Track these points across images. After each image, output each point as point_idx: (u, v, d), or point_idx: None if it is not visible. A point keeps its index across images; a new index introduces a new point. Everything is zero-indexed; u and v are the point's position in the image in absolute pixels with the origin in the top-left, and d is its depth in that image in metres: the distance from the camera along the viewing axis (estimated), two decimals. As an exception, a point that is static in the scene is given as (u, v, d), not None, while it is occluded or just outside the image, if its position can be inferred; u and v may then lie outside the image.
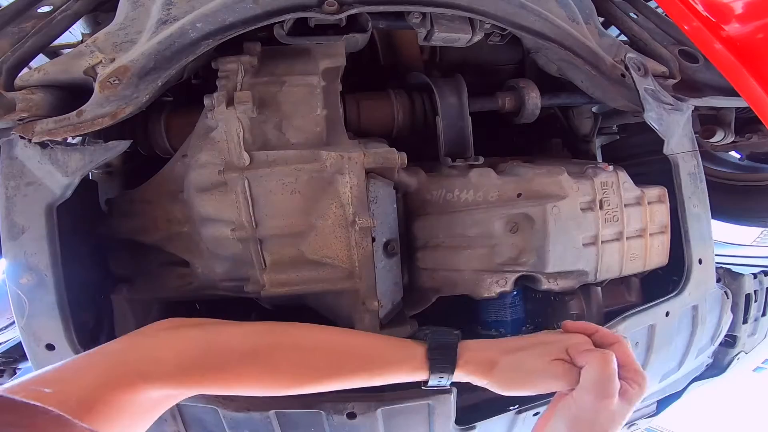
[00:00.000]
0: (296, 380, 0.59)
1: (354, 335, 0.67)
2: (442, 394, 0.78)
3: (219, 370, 0.55)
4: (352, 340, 0.65)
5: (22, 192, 0.72)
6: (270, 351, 0.58)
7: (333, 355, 0.61)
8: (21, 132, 0.70)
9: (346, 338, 0.65)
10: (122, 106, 0.72)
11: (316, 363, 0.60)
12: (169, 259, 0.92)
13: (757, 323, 1.22)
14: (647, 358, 0.96)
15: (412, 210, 0.89)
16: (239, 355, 0.56)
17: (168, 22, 0.76)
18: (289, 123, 0.81)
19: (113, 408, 0.46)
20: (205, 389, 0.56)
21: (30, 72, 0.74)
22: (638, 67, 0.95)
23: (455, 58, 1.15)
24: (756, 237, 2.25)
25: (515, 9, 0.88)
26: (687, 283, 0.95)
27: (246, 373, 0.56)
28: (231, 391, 0.57)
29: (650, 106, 0.91)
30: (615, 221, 0.91)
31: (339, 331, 0.68)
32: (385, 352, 0.63)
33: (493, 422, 0.87)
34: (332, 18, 0.78)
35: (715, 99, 1.02)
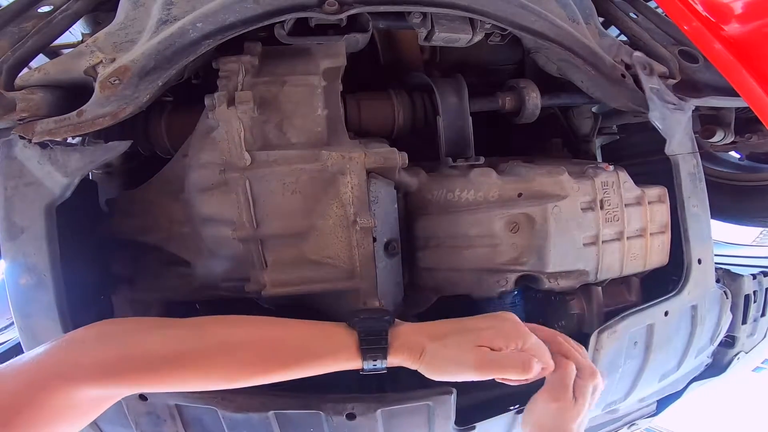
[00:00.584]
0: (226, 379, 0.58)
1: (284, 326, 0.64)
2: (442, 395, 0.78)
3: (138, 373, 0.54)
4: (282, 332, 0.63)
5: (22, 192, 0.72)
6: (195, 355, 0.57)
7: (262, 351, 0.60)
8: (21, 132, 0.70)
9: (276, 331, 0.63)
10: (122, 106, 0.72)
11: (245, 360, 0.59)
12: (170, 259, 0.92)
13: (756, 323, 1.22)
14: (646, 357, 0.96)
15: (413, 210, 0.89)
16: (160, 359, 0.55)
17: (168, 21, 0.76)
18: (289, 123, 0.81)
19: (41, 410, 0.48)
20: (134, 390, 0.57)
21: (30, 72, 0.74)
22: (644, 66, 0.95)
23: (455, 58, 1.15)
24: (755, 237, 2.25)
25: (515, 9, 0.88)
26: (686, 283, 0.95)
27: (171, 376, 0.55)
28: (163, 389, 0.57)
29: (655, 106, 0.91)
30: (615, 221, 0.91)
31: (269, 323, 0.64)
32: (317, 344, 0.62)
33: (492, 422, 0.87)
34: (333, 18, 0.78)
35: (715, 99, 1.02)
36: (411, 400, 0.79)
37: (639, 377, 0.99)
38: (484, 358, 0.60)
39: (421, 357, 0.61)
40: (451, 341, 0.61)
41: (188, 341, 0.58)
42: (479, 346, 0.60)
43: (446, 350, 0.61)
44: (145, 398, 0.76)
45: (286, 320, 0.64)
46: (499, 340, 0.61)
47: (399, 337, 0.62)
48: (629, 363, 0.95)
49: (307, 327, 0.65)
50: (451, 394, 0.79)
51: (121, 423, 0.80)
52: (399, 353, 0.61)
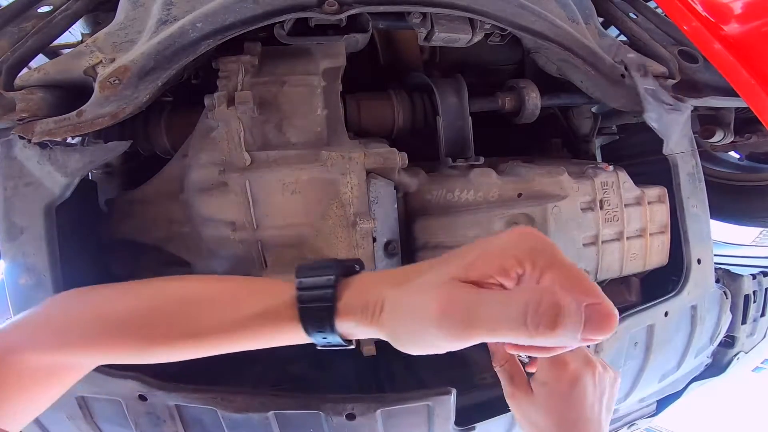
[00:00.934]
0: (138, 351, 0.47)
1: (219, 283, 0.50)
2: (442, 395, 0.78)
3: (74, 341, 0.49)
4: (215, 290, 0.48)
5: (21, 192, 0.72)
6: (120, 323, 0.48)
7: (185, 316, 0.46)
8: (21, 132, 0.70)
9: (203, 291, 0.48)
10: (122, 106, 0.72)
11: (167, 325, 0.46)
12: (169, 259, 0.91)
13: (756, 323, 1.22)
14: (646, 357, 0.96)
15: (413, 210, 0.89)
16: (91, 328, 0.48)
17: (168, 22, 0.76)
18: (289, 123, 0.81)
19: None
20: (74, 358, 0.50)
21: (30, 72, 0.73)
22: (638, 67, 0.95)
23: (455, 58, 1.15)
24: (755, 237, 2.25)
25: (515, 9, 0.88)
26: (686, 283, 0.95)
27: (102, 344, 0.48)
28: (100, 361, 0.51)
29: (650, 107, 0.91)
30: (615, 221, 0.91)
31: (202, 281, 0.51)
32: (249, 305, 0.44)
33: (492, 423, 0.87)
34: (332, 18, 0.78)
35: (715, 99, 1.02)
36: (411, 401, 0.78)
37: (639, 377, 0.99)
38: (452, 299, 0.34)
39: (380, 315, 0.39)
40: (417, 283, 0.38)
41: (121, 301, 0.49)
42: (459, 280, 0.36)
43: (408, 297, 0.38)
44: (145, 398, 0.76)
45: (225, 277, 0.51)
46: (490, 264, 0.35)
47: (351, 291, 0.41)
48: (629, 363, 0.95)
49: (246, 284, 0.49)
50: (451, 394, 0.79)
51: (121, 423, 0.80)
52: (350, 314, 0.40)
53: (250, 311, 0.43)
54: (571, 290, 0.32)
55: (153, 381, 0.75)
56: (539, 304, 0.31)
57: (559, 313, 0.31)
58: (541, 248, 0.35)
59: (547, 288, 0.33)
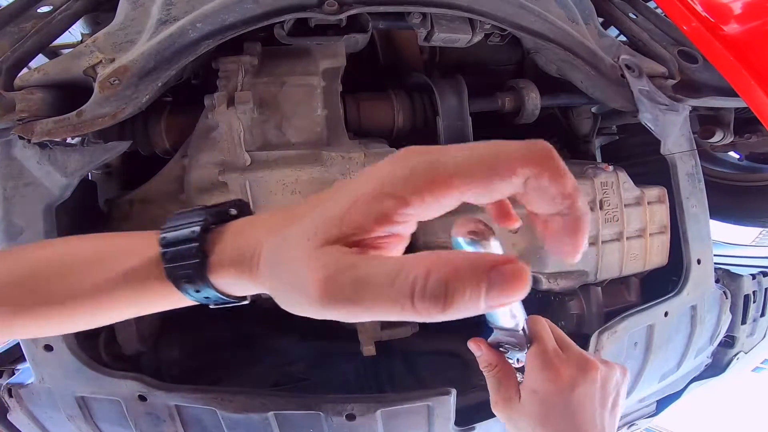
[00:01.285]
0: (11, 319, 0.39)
1: (99, 241, 0.41)
2: (442, 396, 0.78)
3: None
4: (93, 250, 0.40)
5: (21, 192, 0.72)
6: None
7: (58, 280, 0.37)
8: (20, 132, 0.70)
9: (88, 250, 0.40)
10: (122, 106, 0.72)
11: (33, 291, 0.38)
12: (169, 259, 0.92)
13: (755, 324, 1.22)
14: (646, 357, 0.96)
15: (412, 210, 0.89)
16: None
17: (168, 22, 0.76)
18: (289, 123, 0.81)
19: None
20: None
21: (30, 72, 0.73)
22: (632, 68, 0.95)
23: (455, 58, 1.15)
24: (755, 237, 2.25)
25: (515, 9, 0.88)
26: (686, 284, 0.95)
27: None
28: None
29: (645, 107, 0.91)
30: (615, 221, 0.91)
31: (85, 240, 0.41)
32: (118, 264, 0.36)
33: (492, 423, 0.87)
34: (332, 18, 0.78)
35: (714, 99, 1.02)
36: (410, 401, 0.78)
37: (639, 377, 0.99)
38: (330, 277, 0.26)
39: (258, 267, 0.31)
40: (293, 234, 0.29)
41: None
42: (335, 242, 0.27)
43: (284, 252, 0.29)
44: (145, 398, 0.76)
45: (102, 236, 0.43)
46: (365, 212, 0.27)
47: (224, 240, 0.34)
48: (629, 363, 0.95)
49: (116, 243, 0.40)
50: (451, 394, 0.79)
51: (120, 423, 0.80)
52: (224, 267, 0.33)
53: (119, 271, 0.36)
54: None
55: (153, 381, 0.75)
56: (426, 279, 0.23)
57: (448, 293, 0.23)
58: (424, 167, 0.26)
59: (435, 256, 0.24)
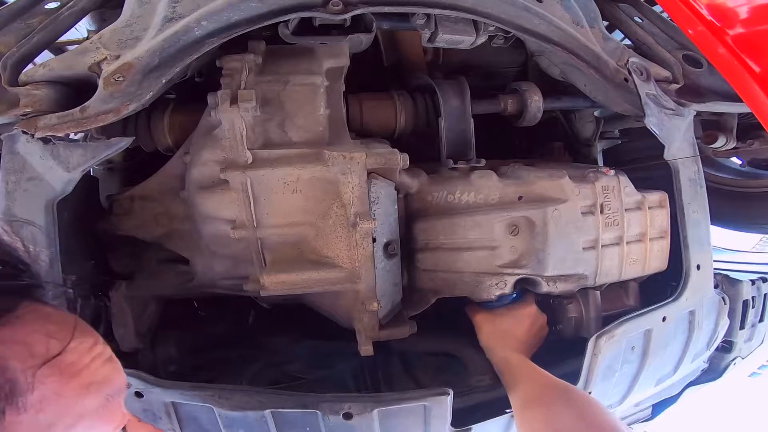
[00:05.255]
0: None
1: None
2: (439, 396, 0.79)
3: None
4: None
5: (23, 187, 0.72)
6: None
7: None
8: (24, 127, 0.70)
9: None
10: (126, 102, 0.72)
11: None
12: (169, 256, 0.92)
13: (754, 329, 1.22)
14: (643, 362, 0.97)
15: (413, 211, 0.89)
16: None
17: (173, 19, 0.76)
18: (291, 122, 0.81)
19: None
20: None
21: (35, 68, 0.74)
22: (640, 71, 0.95)
23: (458, 60, 1.15)
24: (755, 243, 2.25)
25: (519, 12, 0.88)
26: (684, 289, 0.95)
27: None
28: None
29: (651, 111, 0.91)
30: (615, 225, 0.91)
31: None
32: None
33: (489, 424, 0.87)
34: (337, 18, 0.78)
35: (718, 104, 1.02)
36: (407, 401, 0.79)
37: (635, 382, 0.99)
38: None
39: None
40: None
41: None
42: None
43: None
44: (141, 395, 0.77)
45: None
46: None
47: None
48: (626, 367, 0.95)
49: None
50: (448, 395, 0.79)
51: (119, 418, 0.81)
52: None
53: None
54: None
55: (150, 378, 0.76)
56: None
57: None
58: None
59: None
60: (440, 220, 0.88)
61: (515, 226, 0.87)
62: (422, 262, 0.90)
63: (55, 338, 0.41)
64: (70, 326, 0.44)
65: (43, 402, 0.39)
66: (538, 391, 0.77)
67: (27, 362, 0.39)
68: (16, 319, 0.40)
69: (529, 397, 0.77)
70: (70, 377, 0.41)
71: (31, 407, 0.38)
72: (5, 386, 0.37)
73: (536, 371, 0.82)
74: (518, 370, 0.83)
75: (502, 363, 0.86)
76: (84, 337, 0.45)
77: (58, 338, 0.42)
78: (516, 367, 0.84)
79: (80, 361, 0.43)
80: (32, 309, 0.42)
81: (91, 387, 0.43)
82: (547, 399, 0.75)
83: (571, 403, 0.72)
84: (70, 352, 0.42)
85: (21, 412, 0.37)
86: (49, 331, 0.42)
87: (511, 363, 0.85)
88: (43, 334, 0.41)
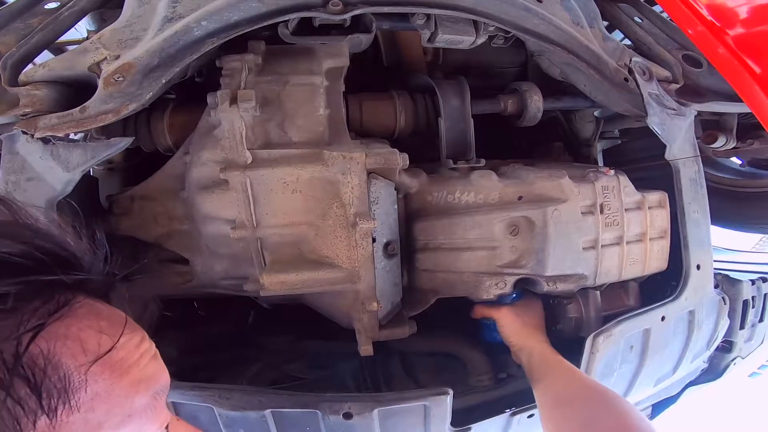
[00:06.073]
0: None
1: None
2: (438, 396, 0.79)
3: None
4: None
5: (23, 187, 0.72)
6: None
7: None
8: (24, 127, 0.70)
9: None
10: (125, 102, 0.72)
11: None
12: (169, 256, 0.92)
13: (754, 329, 1.22)
14: (642, 361, 0.97)
15: (413, 211, 0.89)
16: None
17: (173, 19, 0.76)
18: (291, 122, 0.81)
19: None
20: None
21: (35, 68, 0.74)
22: (643, 71, 0.95)
23: (458, 60, 1.15)
24: (755, 243, 2.25)
25: (519, 12, 0.88)
26: (684, 289, 0.95)
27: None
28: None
29: (654, 111, 0.91)
30: (615, 225, 0.91)
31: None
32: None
33: (488, 424, 0.87)
34: (337, 18, 0.78)
35: (718, 104, 1.02)
36: (407, 400, 0.79)
37: (634, 381, 0.99)
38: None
39: None
40: None
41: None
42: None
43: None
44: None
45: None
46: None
47: None
48: (625, 367, 0.95)
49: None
50: (448, 395, 0.79)
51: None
52: None
53: None
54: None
55: (151, 377, 0.75)
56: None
57: None
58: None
59: None
60: (440, 220, 0.88)
61: (515, 226, 0.87)
62: (422, 262, 0.90)
63: (106, 334, 0.40)
64: (121, 322, 0.43)
65: (95, 400, 0.38)
66: (575, 390, 0.75)
67: (80, 359, 0.37)
68: (70, 314, 0.39)
69: (562, 395, 0.75)
70: (120, 375, 0.40)
71: (83, 406, 0.37)
72: (58, 384, 0.35)
73: (571, 368, 0.80)
74: (548, 365, 0.82)
75: (532, 355, 0.84)
76: (133, 332, 0.44)
77: (109, 334, 0.41)
78: (546, 361, 0.82)
79: (130, 358, 0.42)
80: (84, 304, 0.41)
81: (141, 385, 0.42)
82: (583, 399, 0.72)
83: (611, 407, 0.69)
84: (120, 349, 0.41)
85: (74, 411, 0.36)
86: (101, 326, 0.41)
87: (546, 355, 0.83)
88: (95, 330, 0.40)
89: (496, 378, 0.99)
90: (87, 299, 0.42)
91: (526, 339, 0.88)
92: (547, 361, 0.83)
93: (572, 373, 0.80)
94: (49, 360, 0.35)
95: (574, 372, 0.80)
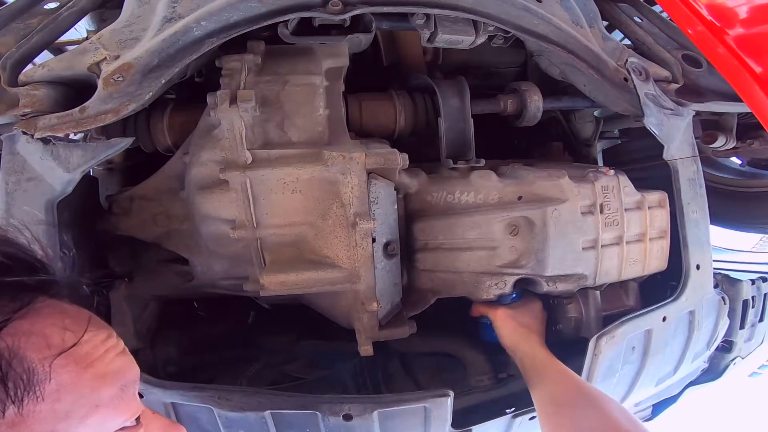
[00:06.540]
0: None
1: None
2: (439, 397, 0.79)
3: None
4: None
5: (23, 187, 0.72)
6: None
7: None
8: (23, 127, 0.70)
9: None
10: (125, 103, 0.72)
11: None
12: (169, 256, 0.92)
13: (754, 329, 1.22)
14: (643, 362, 0.97)
15: (413, 211, 0.89)
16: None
17: (173, 19, 0.76)
18: (291, 122, 0.81)
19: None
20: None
21: (34, 68, 0.74)
22: (639, 71, 0.95)
23: (458, 60, 1.15)
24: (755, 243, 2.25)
25: (519, 12, 0.88)
26: (684, 289, 0.95)
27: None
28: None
29: (650, 111, 0.91)
30: (615, 225, 0.91)
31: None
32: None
33: (488, 425, 0.87)
34: (336, 18, 0.78)
35: (718, 104, 1.02)
36: (407, 402, 0.79)
37: (635, 382, 0.99)
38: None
39: None
40: None
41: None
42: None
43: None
44: (141, 396, 0.76)
45: None
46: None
47: None
48: (626, 368, 0.95)
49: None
50: (449, 396, 0.79)
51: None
52: None
53: None
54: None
55: (150, 378, 0.76)
56: None
57: None
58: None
59: None
60: (440, 220, 0.88)
61: (515, 226, 0.87)
62: (422, 262, 0.90)
63: (70, 330, 0.43)
64: (85, 320, 0.45)
65: (60, 391, 0.40)
66: (570, 395, 0.76)
67: (43, 353, 0.40)
68: (34, 312, 0.42)
69: (559, 400, 0.77)
70: (85, 367, 0.43)
71: (49, 396, 0.39)
72: (23, 376, 0.38)
73: (567, 372, 0.80)
74: (545, 369, 0.82)
75: (529, 358, 0.85)
76: (98, 330, 0.46)
77: (73, 330, 0.43)
78: (543, 365, 0.83)
79: (94, 353, 0.44)
80: (48, 304, 0.44)
81: (106, 377, 0.44)
82: (578, 405, 0.74)
83: (603, 412, 0.70)
84: (85, 344, 0.44)
85: (39, 401, 0.39)
86: (65, 324, 0.43)
87: (539, 359, 0.84)
88: (59, 326, 0.43)
89: (496, 378, 0.99)
90: (51, 299, 0.45)
91: (519, 341, 0.88)
92: (540, 364, 0.83)
93: (564, 376, 0.80)
94: (15, 353, 0.38)
95: (566, 375, 0.80)
